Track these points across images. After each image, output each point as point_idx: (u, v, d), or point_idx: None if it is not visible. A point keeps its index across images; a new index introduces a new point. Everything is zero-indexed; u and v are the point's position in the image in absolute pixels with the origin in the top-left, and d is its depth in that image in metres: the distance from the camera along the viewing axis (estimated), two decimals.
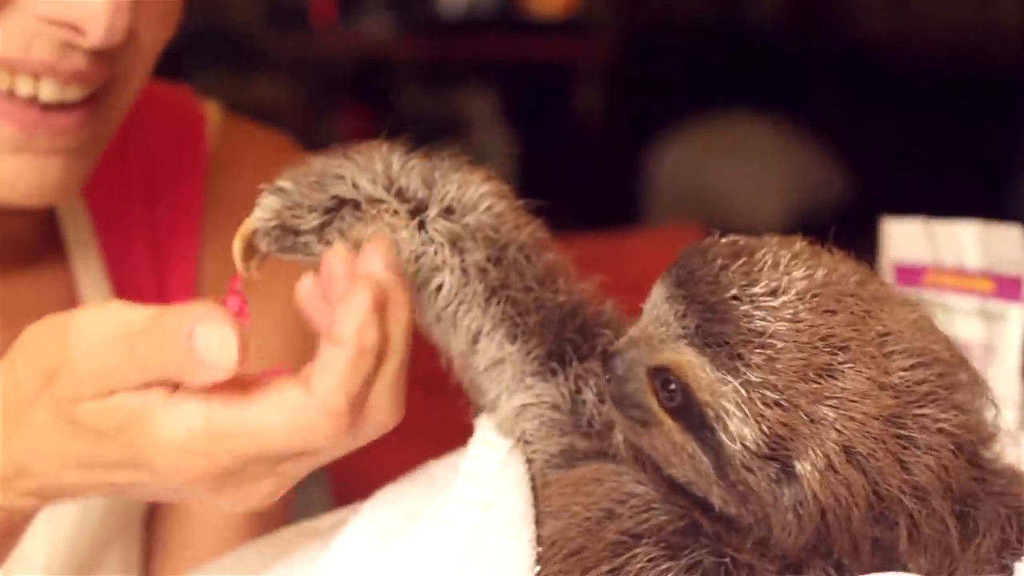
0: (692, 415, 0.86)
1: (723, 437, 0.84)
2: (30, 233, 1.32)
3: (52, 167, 1.13)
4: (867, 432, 0.82)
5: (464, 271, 0.98)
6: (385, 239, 0.95)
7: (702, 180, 4.54)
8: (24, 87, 1.09)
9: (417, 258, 0.98)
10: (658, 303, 0.89)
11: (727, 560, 0.89)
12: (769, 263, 0.86)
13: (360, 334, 0.87)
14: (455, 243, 0.97)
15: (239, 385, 0.86)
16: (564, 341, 0.98)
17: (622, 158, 4.67)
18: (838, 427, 0.82)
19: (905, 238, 1.39)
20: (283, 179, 1.00)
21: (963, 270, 1.33)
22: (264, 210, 1.00)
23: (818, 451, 0.82)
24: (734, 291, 0.85)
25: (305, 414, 0.86)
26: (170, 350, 0.83)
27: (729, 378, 0.83)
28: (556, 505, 0.96)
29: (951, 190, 1.37)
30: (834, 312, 0.84)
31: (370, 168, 0.97)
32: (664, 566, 0.90)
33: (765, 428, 0.83)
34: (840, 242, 0.91)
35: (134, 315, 0.86)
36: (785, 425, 0.82)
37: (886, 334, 0.85)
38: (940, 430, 0.84)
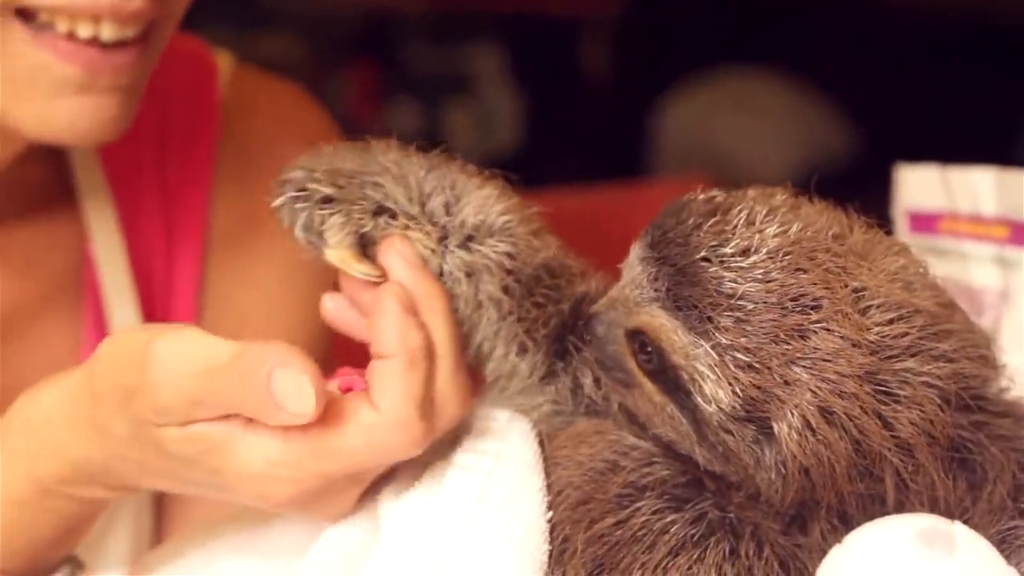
0: (668, 378, 0.86)
1: (699, 400, 0.84)
2: (44, 180, 1.33)
3: (110, 106, 1.14)
4: (843, 391, 0.82)
5: (479, 303, 0.97)
6: (400, 237, 0.96)
7: (710, 136, 4.52)
8: (84, 30, 1.10)
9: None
10: (634, 264, 0.89)
11: (731, 515, 0.88)
12: (743, 220, 0.85)
13: (403, 340, 0.89)
14: (471, 275, 0.96)
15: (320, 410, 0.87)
16: (566, 341, 0.99)
17: (630, 114, 4.64)
18: (812, 388, 0.82)
19: (920, 185, 1.38)
20: (322, 183, 0.97)
21: (979, 217, 1.32)
22: (335, 233, 0.97)
23: (794, 412, 0.82)
24: (704, 252, 0.84)
25: (379, 433, 0.87)
26: (249, 391, 0.84)
27: (701, 341, 0.83)
28: (561, 456, 0.96)
29: (959, 145, 1.36)
30: (806, 270, 0.83)
31: (405, 182, 0.96)
32: (669, 518, 0.90)
33: (738, 390, 0.82)
34: (848, 197, 0.91)
35: (216, 349, 0.87)
36: (758, 388, 0.82)
37: (861, 289, 0.84)
38: (924, 383, 0.84)
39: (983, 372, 0.88)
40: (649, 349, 0.87)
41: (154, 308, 1.40)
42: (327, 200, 0.95)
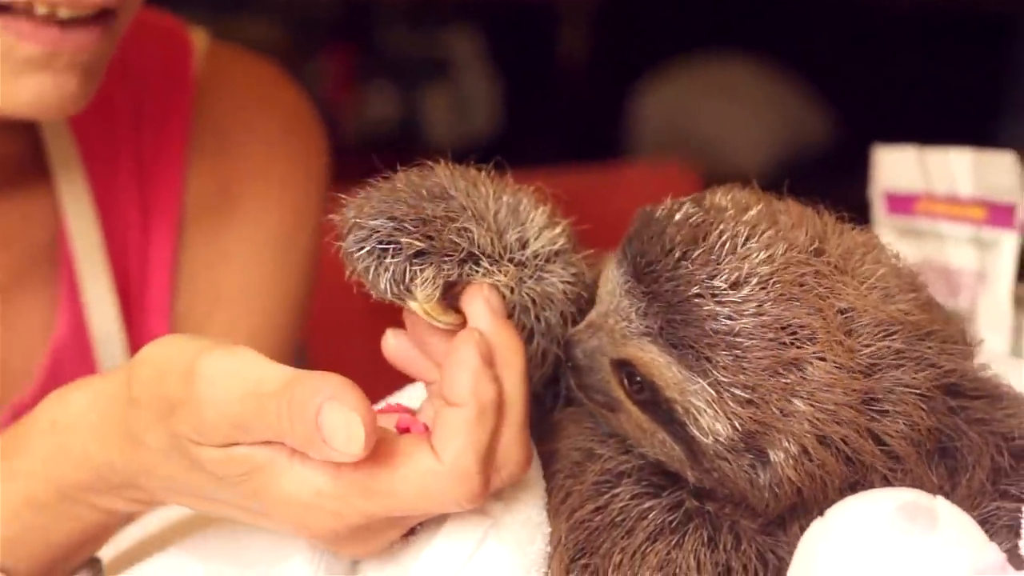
0: (660, 409, 0.86)
1: (695, 432, 0.84)
2: (18, 156, 1.32)
3: (71, 82, 1.14)
4: (839, 419, 0.82)
5: (532, 332, 0.95)
6: (488, 286, 0.92)
7: (688, 121, 4.52)
8: (42, 7, 1.10)
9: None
10: (616, 293, 0.88)
11: (709, 508, 0.89)
12: (727, 246, 0.84)
13: (476, 392, 0.85)
14: (536, 302, 0.94)
15: (376, 446, 0.84)
16: None
17: (607, 99, 4.64)
18: (809, 418, 0.82)
19: (897, 166, 1.39)
20: (414, 236, 0.91)
21: (956, 198, 1.33)
22: (426, 287, 0.91)
23: (791, 441, 0.82)
24: (696, 288, 0.83)
25: (436, 481, 0.84)
26: (298, 422, 0.82)
27: (698, 378, 0.83)
28: (544, 451, 0.96)
29: (937, 131, 1.36)
30: (797, 299, 0.83)
31: (485, 222, 0.92)
32: (647, 504, 0.90)
33: (737, 425, 0.82)
34: (826, 181, 0.91)
35: (268, 373, 0.84)
36: (757, 421, 0.82)
37: (848, 311, 0.84)
38: (909, 392, 0.84)
39: (960, 364, 0.88)
40: (638, 379, 0.87)
41: (130, 283, 1.39)
42: (419, 254, 0.91)
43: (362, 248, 0.91)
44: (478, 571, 0.88)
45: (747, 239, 0.85)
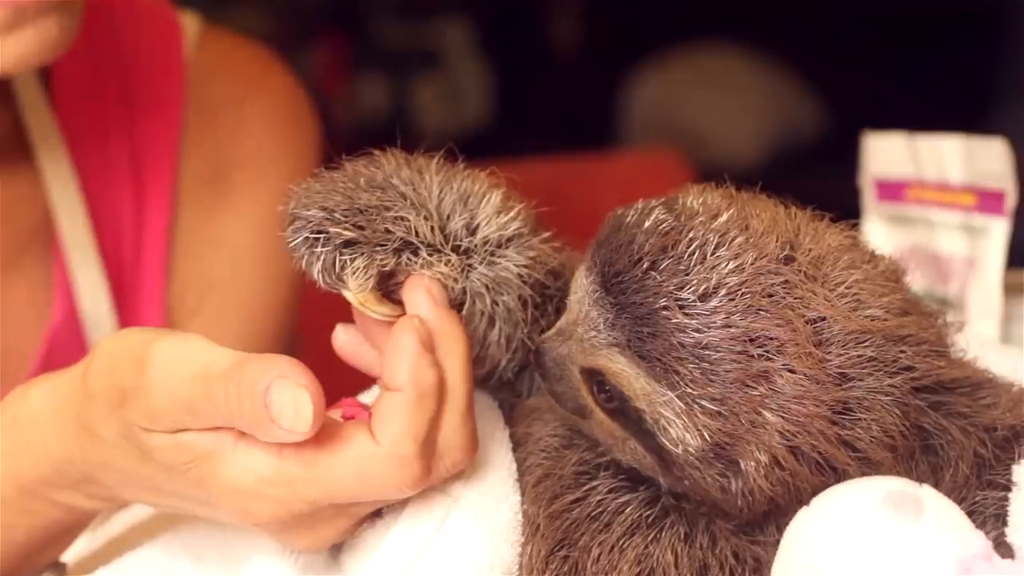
0: (630, 419, 0.85)
1: (664, 442, 0.83)
2: (4, 137, 1.32)
3: (48, 28, 1.12)
4: (809, 430, 0.81)
5: (493, 316, 0.95)
6: (428, 276, 0.92)
7: (679, 111, 4.52)
8: None
9: (459, 306, 0.95)
10: (585, 302, 0.86)
11: (685, 506, 0.88)
12: (696, 256, 0.83)
13: (415, 376, 0.85)
14: (490, 288, 0.94)
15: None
16: None
17: (599, 89, 4.63)
18: (779, 429, 0.81)
19: (887, 153, 1.38)
20: (342, 224, 0.91)
21: (946, 184, 1.32)
22: (357, 277, 0.91)
23: (762, 451, 0.82)
24: (664, 300, 0.82)
25: (375, 465, 0.84)
26: (246, 403, 0.82)
27: (666, 391, 0.82)
28: (520, 434, 0.96)
29: (928, 121, 1.36)
30: (766, 310, 0.81)
31: (425, 209, 0.92)
32: (624, 498, 0.90)
33: (707, 436, 0.81)
34: (817, 171, 0.90)
35: (217, 356, 0.85)
36: (727, 433, 0.81)
37: (819, 320, 0.83)
38: (883, 399, 0.83)
39: (938, 363, 0.87)
40: (608, 388, 0.86)
41: (123, 267, 1.39)
42: (348, 243, 0.91)
43: (296, 238, 0.91)
44: (444, 548, 0.88)
45: (716, 247, 0.83)
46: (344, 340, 0.94)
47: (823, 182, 0.93)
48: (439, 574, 0.86)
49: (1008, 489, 0.85)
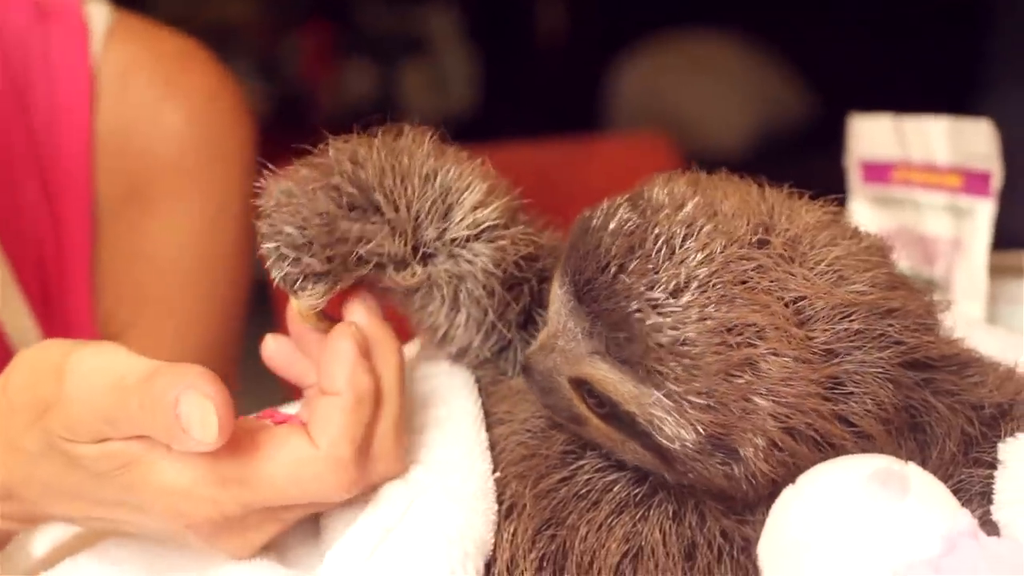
0: (624, 422, 0.85)
1: (661, 440, 0.83)
2: None
3: None
4: (802, 409, 0.81)
5: (458, 304, 0.95)
6: (370, 297, 0.93)
7: (666, 97, 4.52)
8: None
9: (415, 290, 0.96)
10: (562, 313, 0.86)
11: (672, 484, 0.88)
12: (663, 252, 0.82)
13: (353, 381, 0.86)
14: (453, 278, 0.94)
15: (248, 431, 0.85)
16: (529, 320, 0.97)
17: (586, 75, 4.64)
18: (772, 413, 0.80)
19: (873, 135, 1.38)
20: (317, 257, 0.91)
21: (932, 166, 1.32)
22: (312, 299, 0.92)
23: (758, 436, 0.81)
24: (635, 303, 0.81)
25: (310, 467, 0.85)
26: (158, 413, 0.81)
27: (652, 391, 0.81)
28: (502, 412, 0.96)
29: (914, 107, 1.36)
30: (741, 298, 0.81)
31: (398, 219, 0.91)
32: (611, 476, 0.90)
33: (701, 429, 0.81)
34: (803, 158, 0.89)
35: (131, 366, 0.84)
36: (720, 424, 0.81)
37: (799, 300, 0.82)
38: (873, 371, 0.83)
39: (926, 337, 0.87)
40: (597, 395, 0.85)
41: (48, 284, 1.36)
42: (317, 275, 0.91)
43: (268, 244, 0.91)
44: (414, 522, 0.87)
45: (684, 239, 0.82)
46: (274, 349, 0.94)
47: (809, 168, 0.92)
48: (410, 549, 0.86)
49: (994, 467, 0.85)
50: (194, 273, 1.40)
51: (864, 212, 1.40)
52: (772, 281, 0.82)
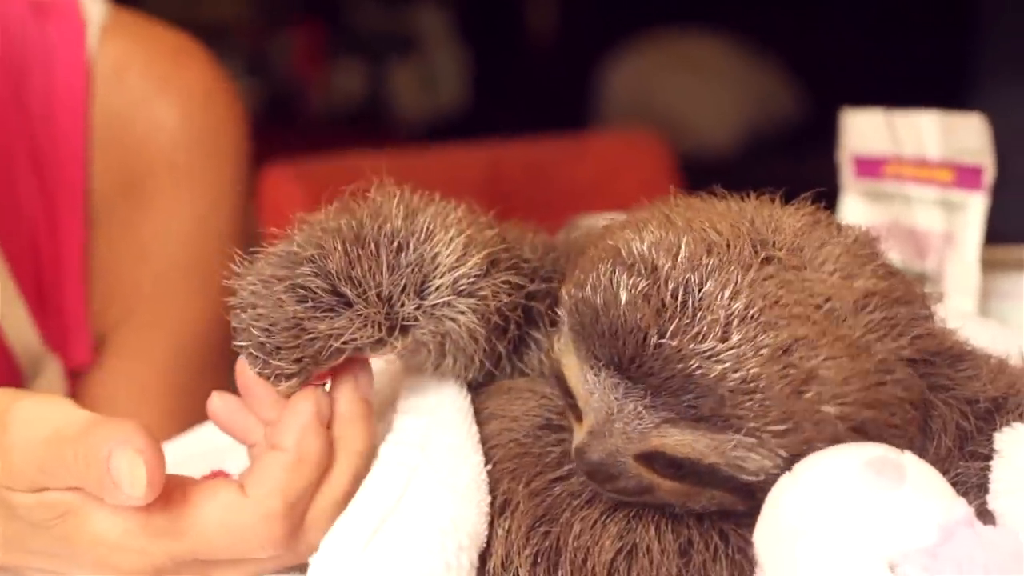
0: (703, 475, 0.84)
1: (745, 477, 0.82)
2: None
3: None
4: (864, 403, 0.81)
5: (443, 352, 0.95)
6: (360, 369, 0.93)
7: (656, 96, 4.52)
8: None
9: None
10: (611, 398, 0.84)
11: None
12: (690, 302, 0.81)
13: (300, 440, 0.87)
14: (437, 335, 0.93)
15: (181, 485, 0.86)
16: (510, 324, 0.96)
17: (576, 74, 4.64)
18: (839, 416, 0.80)
19: (865, 129, 1.38)
20: (285, 360, 0.90)
21: (924, 160, 1.32)
22: (283, 389, 0.91)
23: (831, 442, 0.81)
24: (694, 362, 0.80)
25: (239, 516, 0.85)
26: (91, 466, 0.82)
27: (732, 435, 0.81)
28: (494, 407, 0.95)
29: (904, 105, 1.36)
30: (782, 318, 0.80)
31: (367, 308, 0.90)
32: None
33: (783, 454, 0.81)
34: (793, 157, 0.89)
35: (70, 418, 0.85)
36: (799, 443, 0.80)
37: (826, 301, 0.82)
38: (897, 358, 0.83)
39: (924, 328, 0.88)
40: (671, 461, 0.84)
41: (43, 279, 1.35)
42: (290, 375, 0.91)
43: (238, 339, 0.92)
44: (407, 514, 0.87)
45: (701, 284, 0.81)
46: (220, 407, 0.93)
47: (800, 165, 0.92)
48: (403, 540, 0.85)
49: (990, 459, 0.85)
50: (186, 269, 1.41)
51: (856, 207, 1.40)
52: (798, 292, 0.82)
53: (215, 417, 0.94)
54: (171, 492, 0.85)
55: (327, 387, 0.93)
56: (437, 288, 0.91)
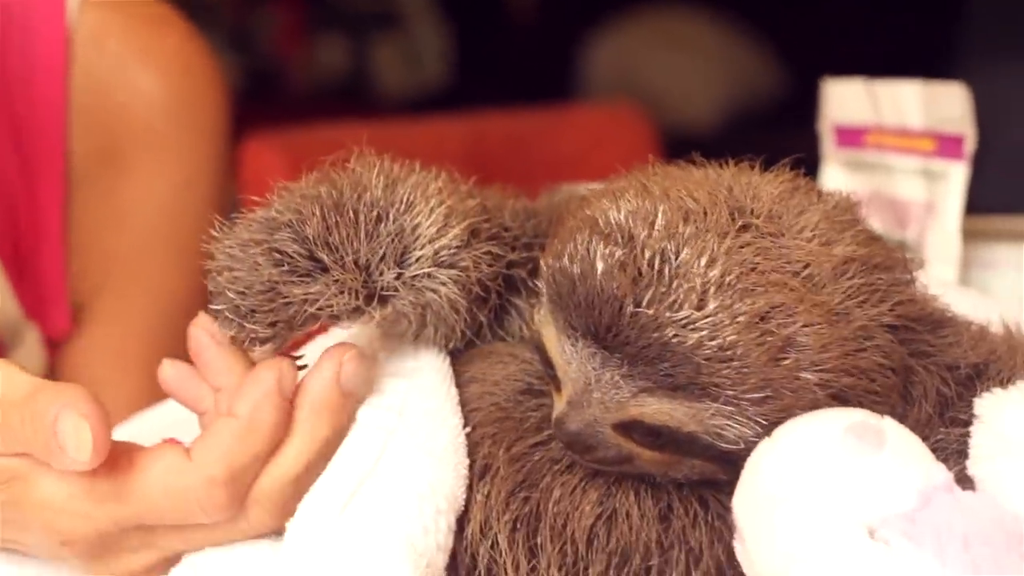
0: (682, 444, 0.84)
1: (724, 445, 0.82)
2: None
3: None
4: (843, 369, 0.81)
5: (424, 322, 0.94)
6: (348, 352, 0.91)
7: (639, 73, 4.51)
8: None
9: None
10: (588, 367, 0.84)
11: None
12: (666, 270, 0.81)
13: (254, 409, 0.86)
14: (417, 306, 0.92)
15: (127, 450, 0.86)
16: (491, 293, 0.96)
17: (558, 50, 4.63)
18: (818, 383, 0.80)
19: (846, 99, 1.38)
20: (260, 325, 0.90)
21: (905, 130, 1.32)
22: (258, 355, 0.91)
23: (810, 408, 0.81)
24: (669, 331, 0.80)
25: (181, 478, 0.85)
26: (38, 431, 0.82)
27: (710, 403, 0.81)
28: (475, 371, 0.95)
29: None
30: (758, 285, 0.80)
31: (349, 276, 0.89)
32: None
33: (761, 421, 0.81)
34: (776, 134, 0.88)
35: (15, 383, 0.85)
36: (776, 410, 0.81)
37: (804, 267, 0.82)
38: (878, 324, 0.83)
39: (905, 293, 0.87)
40: (649, 429, 0.84)
41: (20, 243, 1.35)
42: (264, 338, 0.91)
43: (214, 303, 0.91)
44: (384, 477, 0.87)
45: (677, 252, 0.81)
46: (171, 374, 0.93)
47: (782, 140, 0.91)
48: (380, 503, 0.85)
49: (970, 425, 0.85)
50: (165, 237, 1.40)
51: (837, 176, 1.40)
52: (776, 259, 0.82)
53: (166, 385, 0.93)
54: (117, 458, 0.85)
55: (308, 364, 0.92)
56: (418, 259, 0.91)
